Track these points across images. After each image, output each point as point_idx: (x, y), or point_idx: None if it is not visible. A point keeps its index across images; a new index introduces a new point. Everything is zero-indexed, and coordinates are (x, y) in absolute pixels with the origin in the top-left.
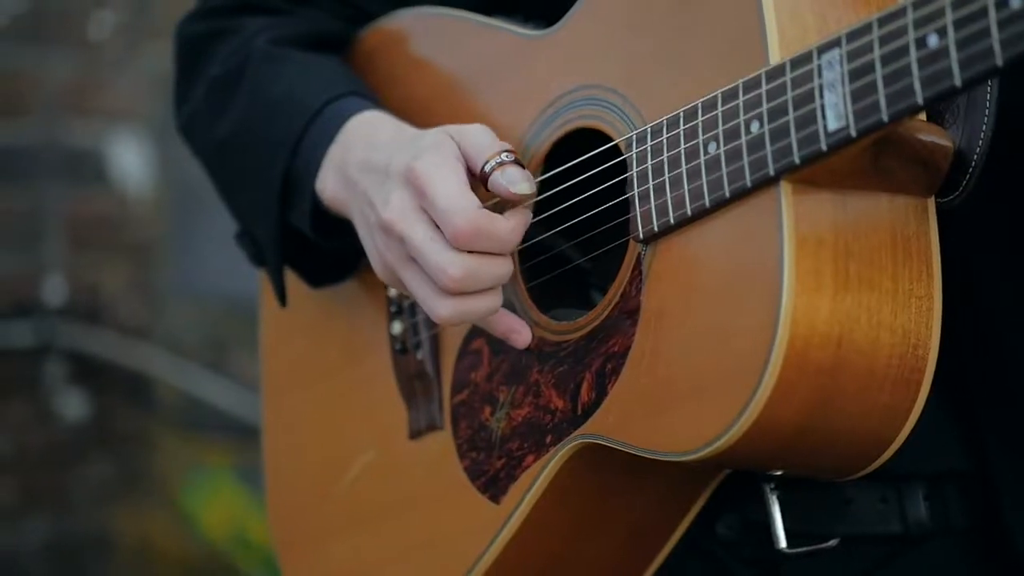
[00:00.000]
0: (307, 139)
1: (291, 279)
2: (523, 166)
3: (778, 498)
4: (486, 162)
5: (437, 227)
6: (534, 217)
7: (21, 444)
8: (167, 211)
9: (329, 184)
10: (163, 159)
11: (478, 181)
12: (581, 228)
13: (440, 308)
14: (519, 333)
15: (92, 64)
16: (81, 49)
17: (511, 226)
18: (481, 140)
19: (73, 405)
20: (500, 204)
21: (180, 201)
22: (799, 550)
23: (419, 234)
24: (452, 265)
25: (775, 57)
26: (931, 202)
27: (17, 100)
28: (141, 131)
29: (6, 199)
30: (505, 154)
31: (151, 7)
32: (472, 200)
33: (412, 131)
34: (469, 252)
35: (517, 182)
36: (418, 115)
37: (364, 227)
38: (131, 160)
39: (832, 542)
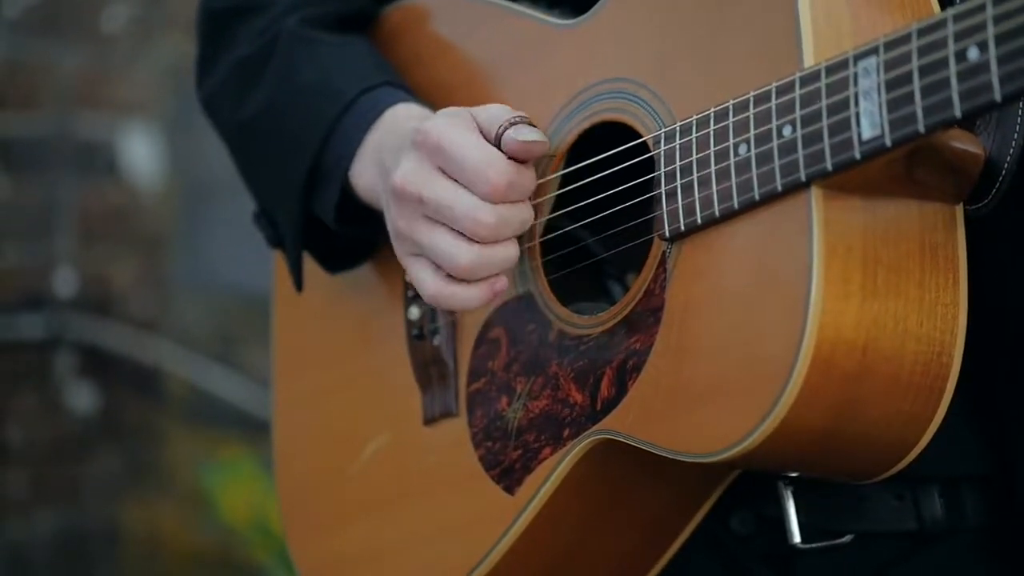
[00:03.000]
0: (340, 129)
1: (307, 263)
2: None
3: (792, 494)
4: (500, 126)
5: (456, 181)
6: (556, 210)
7: (31, 436)
8: (178, 204)
9: (366, 175)
10: (174, 152)
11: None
12: (604, 222)
13: (462, 256)
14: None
15: (104, 57)
16: (93, 42)
17: (532, 173)
18: (493, 110)
19: (83, 397)
20: None
21: (191, 194)
22: (813, 545)
23: (440, 189)
24: (484, 212)
25: (809, 59)
26: (959, 209)
27: (29, 92)
28: (153, 124)
29: (18, 191)
30: (517, 117)
31: (164, 0)
32: (495, 152)
33: None
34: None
35: (527, 134)
36: (440, 99)
37: (384, 206)
38: (142, 153)
39: (846, 538)
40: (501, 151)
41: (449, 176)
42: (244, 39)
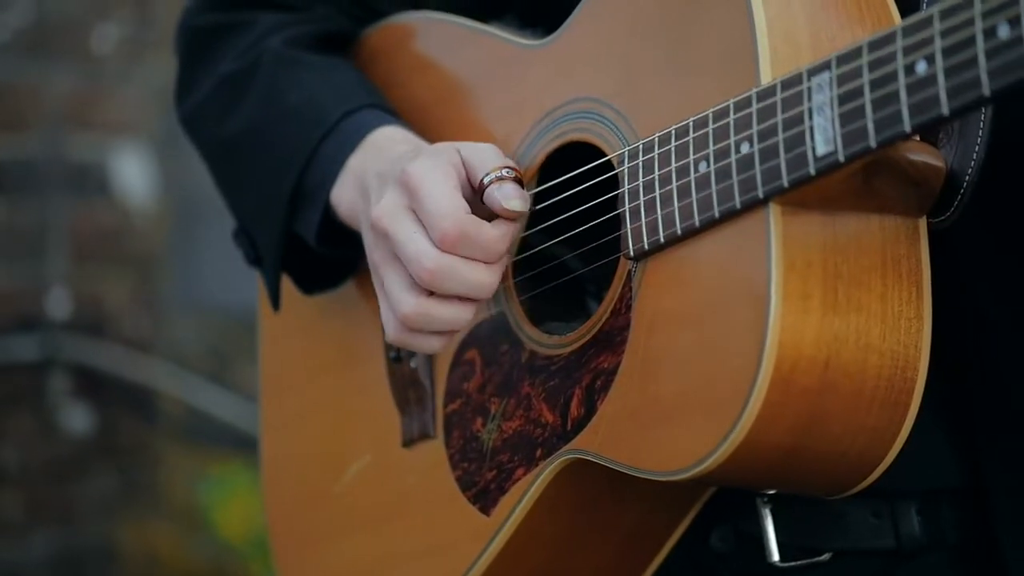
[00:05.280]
0: (322, 151)
1: (286, 283)
2: (523, 185)
3: (771, 511)
4: (486, 175)
5: (423, 226)
6: (529, 229)
7: (25, 457)
8: (170, 224)
9: (346, 197)
10: (165, 172)
11: (476, 193)
12: (576, 240)
13: (404, 303)
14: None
15: (95, 77)
16: (84, 62)
17: (498, 233)
18: (485, 154)
19: (77, 418)
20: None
21: (182, 214)
22: (792, 564)
23: (404, 230)
24: (428, 257)
25: (766, 74)
26: (923, 222)
27: (20, 113)
28: (144, 144)
29: (9, 212)
30: (506, 170)
31: (154, 20)
32: (460, 204)
33: (427, 146)
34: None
35: (511, 198)
36: (416, 120)
37: (364, 231)
38: (134, 173)
39: (825, 556)
40: (482, 200)
41: (416, 218)
42: (226, 57)
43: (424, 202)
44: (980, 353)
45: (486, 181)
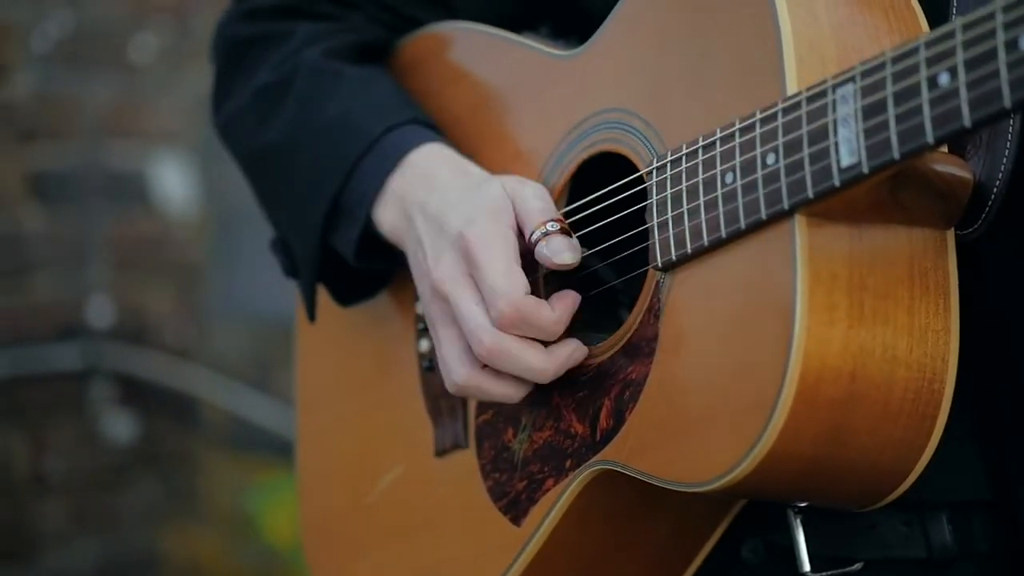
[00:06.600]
0: (363, 167)
1: (322, 293)
2: (570, 234)
3: (802, 522)
4: (533, 231)
5: (483, 297)
6: None
7: (69, 466)
8: (210, 232)
9: (388, 215)
10: (206, 180)
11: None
12: (608, 251)
13: (457, 372)
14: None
15: (134, 87)
16: (123, 72)
17: (556, 317)
18: (532, 206)
19: (120, 427)
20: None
21: (223, 222)
22: (823, 574)
23: (465, 301)
24: (487, 333)
25: (792, 86)
26: (950, 234)
27: (60, 124)
28: (183, 153)
29: (50, 222)
30: (551, 223)
31: (193, 30)
32: (519, 283)
33: (472, 173)
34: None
35: (560, 252)
36: (451, 130)
37: (416, 268)
38: (174, 182)
39: (856, 566)
40: (533, 256)
41: (476, 289)
42: (263, 68)
43: (484, 275)
44: (1008, 365)
45: (533, 239)
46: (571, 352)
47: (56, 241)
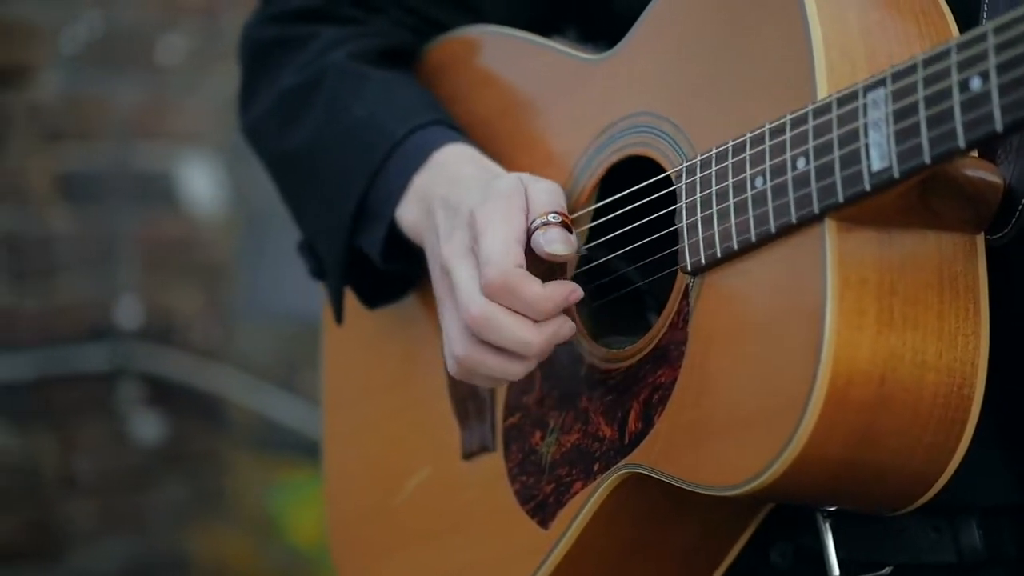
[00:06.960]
0: (388, 167)
1: (349, 295)
2: (571, 229)
3: (831, 526)
4: (535, 220)
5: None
6: (590, 242)
7: (97, 467)
8: (237, 232)
9: (410, 212)
10: (233, 181)
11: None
12: (636, 254)
13: (457, 345)
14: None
15: (161, 88)
16: (151, 73)
17: (544, 293)
18: (541, 198)
19: (148, 427)
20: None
21: (250, 223)
22: None
23: (461, 272)
24: (474, 303)
25: (823, 90)
26: (980, 239)
27: (88, 125)
28: (211, 154)
29: (78, 223)
30: (553, 215)
31: (221, 31)
32: (513, 256)
33: (494, 169)
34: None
35: (553, 242)
36: (478, 134)
37: (430, 255)
38: (201, 183)
39: (886, 570)
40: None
41: (475, 263)
42: (289, 70)
43: (481, 246)
44: None
45: (533, 227)
46: (558, 326)
47: (84, 242)
